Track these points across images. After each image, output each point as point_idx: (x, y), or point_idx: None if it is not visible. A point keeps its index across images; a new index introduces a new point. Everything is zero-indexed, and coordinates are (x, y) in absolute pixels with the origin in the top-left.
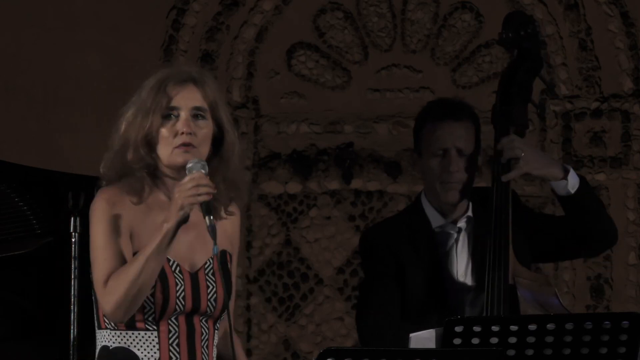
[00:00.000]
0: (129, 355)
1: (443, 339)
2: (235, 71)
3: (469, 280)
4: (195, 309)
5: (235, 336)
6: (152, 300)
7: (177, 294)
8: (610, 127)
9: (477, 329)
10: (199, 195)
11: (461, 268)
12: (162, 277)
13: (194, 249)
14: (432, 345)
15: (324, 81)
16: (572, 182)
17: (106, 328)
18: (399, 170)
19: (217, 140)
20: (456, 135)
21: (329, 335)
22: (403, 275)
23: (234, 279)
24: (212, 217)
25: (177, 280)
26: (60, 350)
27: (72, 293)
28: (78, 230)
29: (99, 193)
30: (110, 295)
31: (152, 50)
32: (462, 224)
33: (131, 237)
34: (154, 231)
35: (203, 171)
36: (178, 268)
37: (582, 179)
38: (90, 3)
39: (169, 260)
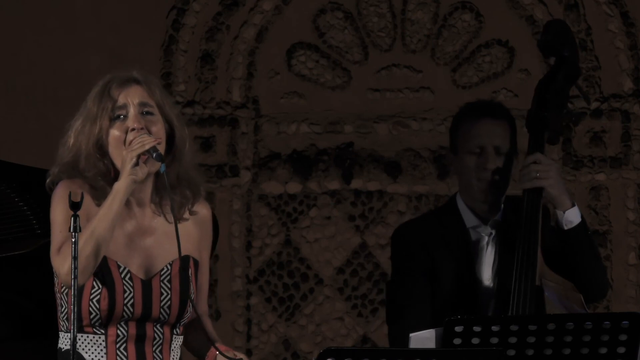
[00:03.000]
0: (78, 358)
1: (443, 339)
2: (235, 71)
3: (493, 284)
4: (146, 316)
5: (209, 322)
6: (97, 306)
7: (125, 301)
8: (610, 127)
9: (477, 329)
10: (145, 144)
11: (487, 270)
12: (109, 283)
13: (150, 255)
14: (432, 345)
15: (324, 81)
16: (569, 219)
17: (61, 330)
18: (399, 170)
19: (170, 138)
20: (493, 133)
21: (329, 335)
22: (436, 272)
23: (204, 283)
24: (164, 164)
25: (125, 287)
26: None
27: (72, 293)
28: (78, 230)
29: (61, 183)
30: (64, 259)
31: (152, 50)
32: (494, 226)
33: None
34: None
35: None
36: (128, 275)
37: (583, 222)
38: (90, 3)
39: (119, 266)
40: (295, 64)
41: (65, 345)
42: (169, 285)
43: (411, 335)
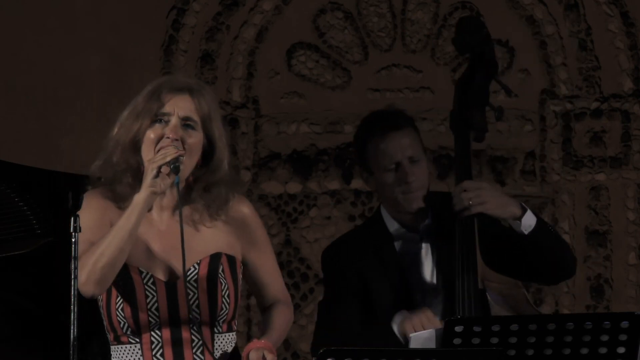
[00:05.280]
0: None
1: (443, 339)
2: (235, 71)
3: (436, 287)
4: (176, 319)
5: (281, 309)
6: (122, 314)
7: (148, 306)
8: (610, 127)
9: (477, 329)
10: (167, 156)
11: (427, 274)
12: (130, 291)
13: (175, 258)
14: (432, 345)
15: (324, 81)
16: (526, 224)
17: (109, 342)
18: None
19: (207, 154)
20: (404, 145)
21: None
22: (369, 289)
23: (265, 276)
24: (179, 176)
25: (147, 292)
26: (60, 350)
27: (72, 293)
28: (78, 230)
29: (86, 195)
30: (81, 269)
31: (152, 50)
32: (424, 230)
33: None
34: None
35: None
36: (151, 279)
37: (539, 219)
38: (90, 3)
39: (141, 272)
40: (295, 64)
41: (113, 358)
42: (195, 285)
43: (411, 335)
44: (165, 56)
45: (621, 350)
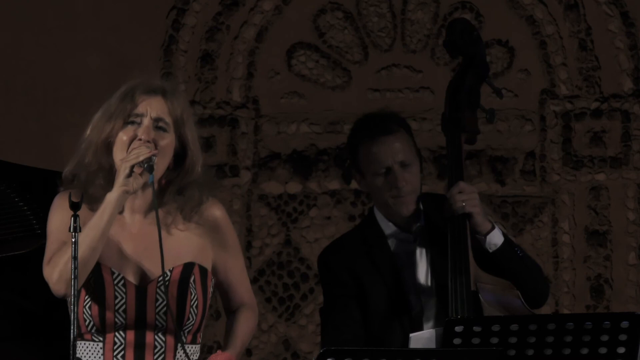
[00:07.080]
0: None
1: (443, 339)
2: (235, 71)
3: (430, 288)
4: (142, 323)
5: (245, 315)
6: (89, 313)
7: (116, 307)
8: (610, 127)
9: (477, 329)
10: (140, 156)
11: (421, 275)
12: (100, 290)
13: (149, 262)
14: (432, 345)
15: (324, 81)
16: (491, 242)
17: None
18: None
19: (179, 157)
20: (394, 149)
21: None
22: (364, 291)
23: (232, 281)
24: (153, 174)
25: (116, 294)
26: (60, 350)
27: (72, 293)
28: (78, 230)
29: (58, 195)
30: (53, 268)
31: (152, 50)
32: (417, 231)
33: None
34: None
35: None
36: (122, 281)
37: (508, 242)
38: (90, 3)
39: (112, 273)
40: (295, 64)
41: (76, 353)
42: (165, 292)
43: (411, 335)
44: (165, 56)
45: (621, 350)
